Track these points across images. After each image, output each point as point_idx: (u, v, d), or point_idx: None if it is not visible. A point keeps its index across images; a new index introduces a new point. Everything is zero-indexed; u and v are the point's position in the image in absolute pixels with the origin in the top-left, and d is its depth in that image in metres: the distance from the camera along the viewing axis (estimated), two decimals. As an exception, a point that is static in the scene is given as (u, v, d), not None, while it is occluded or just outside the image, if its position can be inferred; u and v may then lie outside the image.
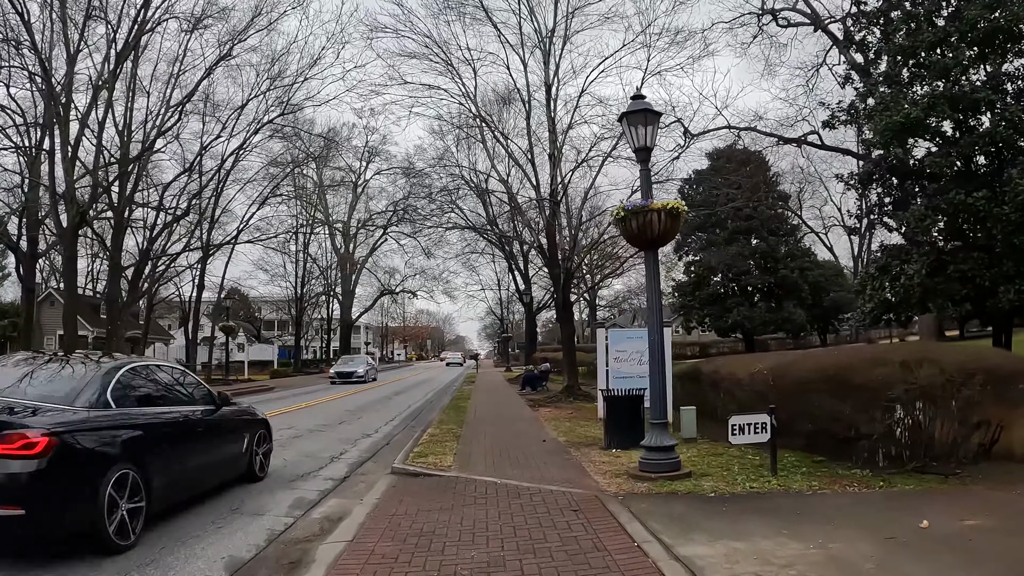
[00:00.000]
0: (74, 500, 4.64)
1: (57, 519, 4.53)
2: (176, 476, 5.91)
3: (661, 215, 7.00)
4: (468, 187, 25.80)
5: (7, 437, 4.36)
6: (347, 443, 11.11)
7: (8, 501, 4.25)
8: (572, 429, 11.58)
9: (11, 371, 5.70)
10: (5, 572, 4.55)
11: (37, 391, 5.22)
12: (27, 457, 4.35)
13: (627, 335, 13.60)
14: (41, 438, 4.43)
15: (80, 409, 5.03)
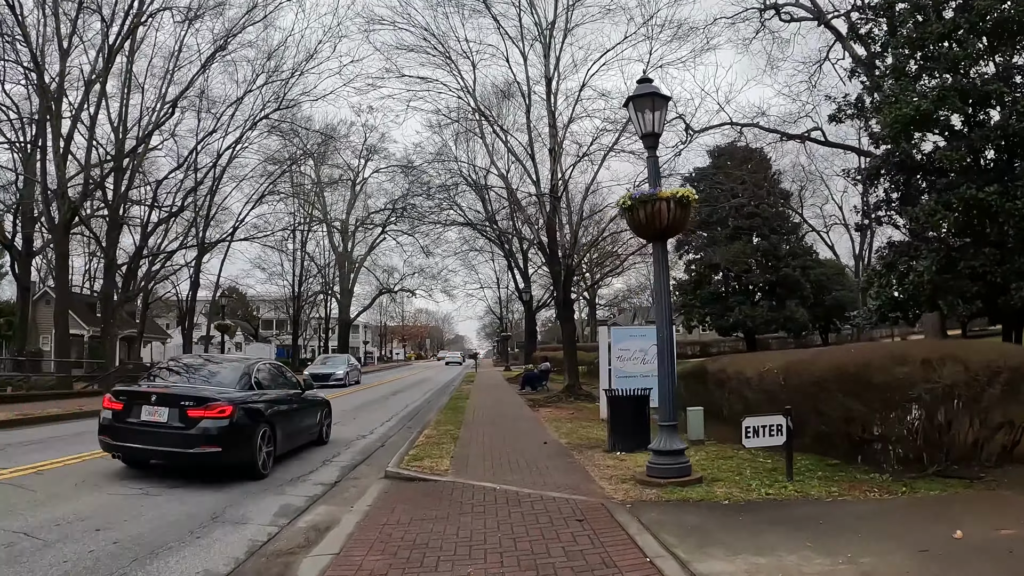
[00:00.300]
0: (243, 444, 7.66)
1: (235, 455, 7.56)
2: (288, 433, 8.92)
3: (670, 204, 6.60)
4: (467, 184, 25.46)
5: (212, 406, 7.38)
6: (340, 445, 10.70)
7: (213, 443, 7.26)
8: (574, 430, 11.17)
9: (194, 369, 8.87)
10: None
11: (218, 380, 8.29)
12: (221, 418, 7.37)
13: (630, 333, 13.21)
14: (227, 406, 7.47)
15: (241, 390, 8.17)
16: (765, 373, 10.05)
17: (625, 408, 9.07)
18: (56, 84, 24.08)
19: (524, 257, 32.12)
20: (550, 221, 17.78)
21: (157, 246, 34.41)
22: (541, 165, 19.66)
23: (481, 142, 20.70)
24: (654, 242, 6.94)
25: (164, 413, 7.38)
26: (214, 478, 7.41)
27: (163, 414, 7.38)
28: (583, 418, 13.30)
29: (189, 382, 8.27)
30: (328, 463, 9.07)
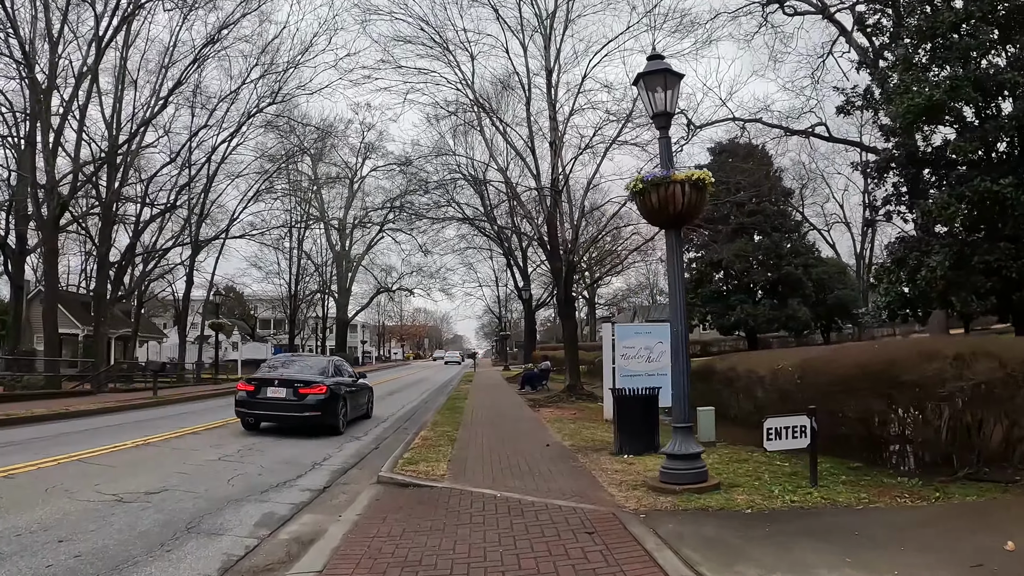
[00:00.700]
0: (333, 411, 11.49)
1: (327, 419, 11.34)
2: (353, 406, 12.86)
3: (685, 187, 6.11)
4: (465, 179, 24.96)
5: (315, 387, 11.27)
6: (332, 447, 10.20)
7: (315, 410, 11.11)
8: (577, 431, 10.67)
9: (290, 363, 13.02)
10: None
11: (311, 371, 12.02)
12: (321, 394, 11.23)
13: (635, 331, 12.72)
14: (324, 387, 11.36)
15: (328, 377, 11.84)
16: (779, 371, 9.58)
17: (633, 408, 8.57)
18: (47, 77, 23.55)
19: (523, 255, 31.65)
20: (551, 216, 17.28)
21: (152, 244, 33.95)
22: (542, 160, 19.19)
23: (480, 136, 20.21)
24: (667, 230, 6.44)
25: (283, 392, 11.52)
26: (206, 486, 6.91)
27: (283, 392, 11.52)
28: (586, 419, 12.80)
29: (293, 372, 12.08)
30: (317, 467, 8.56)
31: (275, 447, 10.23)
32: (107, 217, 28.07)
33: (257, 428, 11.97)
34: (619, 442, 8.55)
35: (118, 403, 18.33)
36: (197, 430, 12.31)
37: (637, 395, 8.60)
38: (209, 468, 8.38)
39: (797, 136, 29.13)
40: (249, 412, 11.72)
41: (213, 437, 11.35)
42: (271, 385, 11.54)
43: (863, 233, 63.74)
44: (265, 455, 9.44)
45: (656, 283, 72.66)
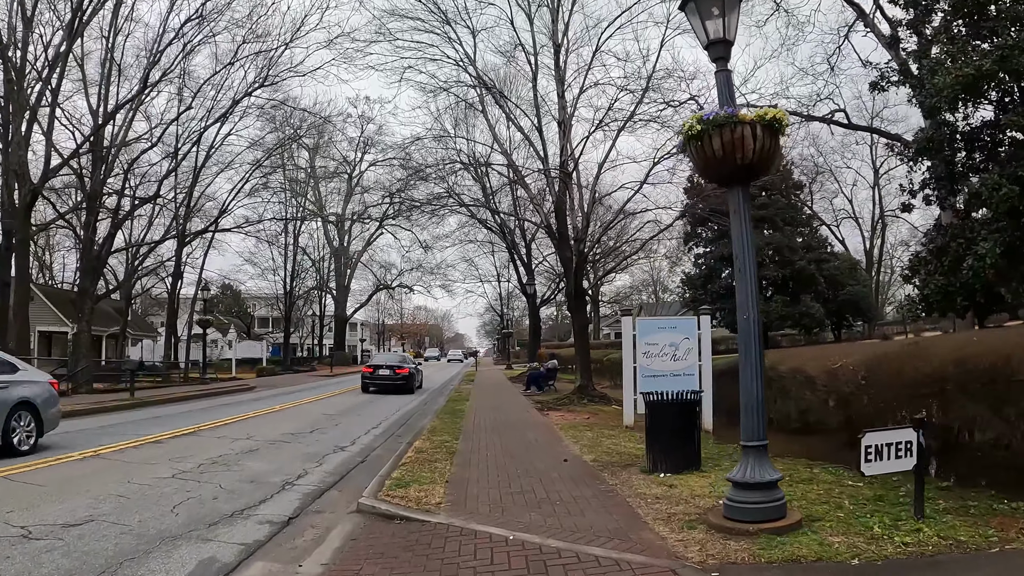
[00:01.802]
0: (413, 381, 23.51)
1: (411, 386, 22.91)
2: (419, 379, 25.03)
3: (756, 129, 4.63)
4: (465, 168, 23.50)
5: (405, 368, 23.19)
6: (311, 460, 8.72)
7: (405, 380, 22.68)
8: (597, 442, 9.18)
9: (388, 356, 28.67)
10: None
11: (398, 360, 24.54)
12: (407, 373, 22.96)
13: (658, 325, 11.23)
14: (408, 368, 23.37)
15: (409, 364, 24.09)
16: (838, 370, 8.09)
17: (669, 417, 7.09)
18: (20, 59, 22.10)
19: (527, 248, 30.17)
20: (560, 201, 15.81)
21: (141, 238, 32.51)
22: (549, 143, 17.73)
23: (480, 122, 18.74)
24: (731, 186, 4.94)
25: (387, 371, 22.35)
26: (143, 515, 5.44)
27: (387, 372, 22.34)
28: (603, 424, 11.33)
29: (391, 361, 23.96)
30: (288, 487, 7.09)
31: (246, 460, 8.77)
32: (92, 208, 26.68)
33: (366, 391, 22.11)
34: (652, 457, 7.08)
35: (91, 405, 16.88)
36: (161, 438, 10.84)
37: (674, 401, 7.12)
38: (156, 489, 6.91)
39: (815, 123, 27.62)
40: (370, 383, 22.18)
41: (177, 447, 9.88)
42: (381, 368, 22.95)
43: (873, 228, 62.33)
44: (230, 471, 7.97)
45: (660, 280, 71.26)
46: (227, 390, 24.15)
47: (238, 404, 17.93)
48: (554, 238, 16.53)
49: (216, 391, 23.35)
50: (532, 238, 32.10)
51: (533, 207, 17.64)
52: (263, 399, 19.86)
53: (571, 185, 15.63)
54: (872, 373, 7.60)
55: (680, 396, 7.15)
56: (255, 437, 10.92)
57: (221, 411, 15.71)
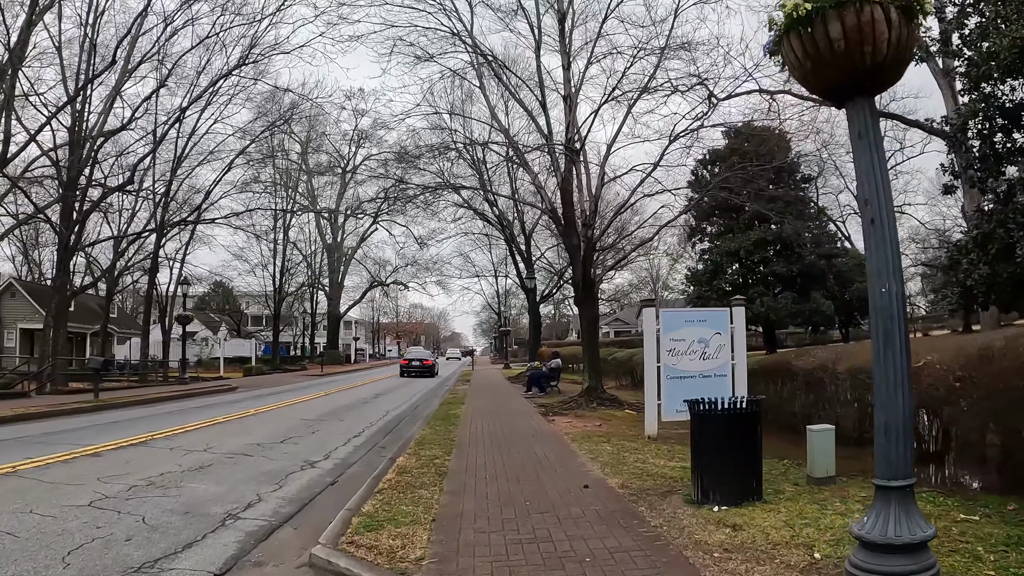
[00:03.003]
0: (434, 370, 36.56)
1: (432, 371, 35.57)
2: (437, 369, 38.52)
3: (891, 12, 3.03)
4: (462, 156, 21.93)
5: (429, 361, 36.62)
6: (270, 481, 7.11)
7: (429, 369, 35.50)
8: (619, 457, 7.57)
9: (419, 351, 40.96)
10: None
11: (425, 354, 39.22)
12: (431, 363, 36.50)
13: (684, 318, 9.64)
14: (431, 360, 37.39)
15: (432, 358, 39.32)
16: (921, 370, 6.51)
17: (721, 431, 5.50)
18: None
19: (527, 240, 28.54)
20: (566, 181, 14.19)
21: (124, 230, 30.82)
22: (555, 122, 16.13)
23: (479, 104, 17.10)
24: (854, 99, 3.32)
25: (419, 363, 34.91)
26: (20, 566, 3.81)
27: (418, 363, 34.98)
28: (620, 434, 9.72)
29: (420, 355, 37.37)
30: (231, 521, 5.48)
31: (191, 480, 7.15)
32: (67, 199, 25.09)
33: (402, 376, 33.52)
34: (701, 484, 5.49)
35: (47, 408, 15.24)
36: (103, 449, 9.21)
37: (729, 412, 5.53)
38: (60, 523, 5.33)
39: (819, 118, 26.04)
40: (406, 370, 33.76)
41: (115, 462, 8.25)
42: (414, 360, 35.07)
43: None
44: (165, 496, 6.35)
45: (660, 277, 69.59)
46: (206, 391, 22.49)
47: (212, 407, 16.29)
48: (559, 224, 14.90)
49: (194, 392, 21.70)
50: (532, 229, 30.50)
51: (536, 189, 16.01)
52: (242, 401, 18.22)
53: (578, 163, 14.01)
54: (971, 373, 6.05)
55: (737, 406, 5.56)
56: (214, 449, 9.30)
57: (189, 415, 14.09)
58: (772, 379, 10.18)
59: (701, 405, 5.61)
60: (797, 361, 9.55)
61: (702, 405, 5.62)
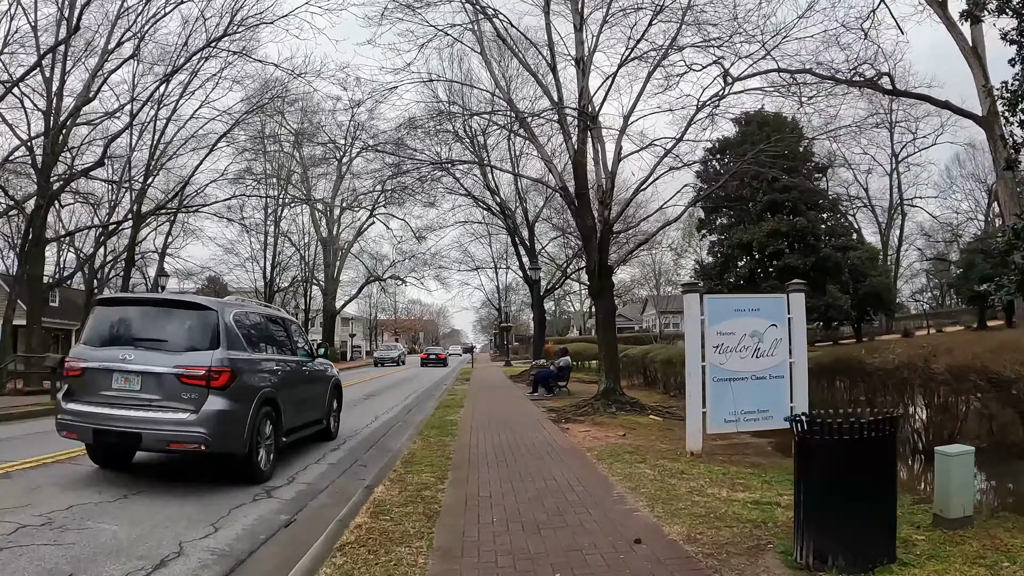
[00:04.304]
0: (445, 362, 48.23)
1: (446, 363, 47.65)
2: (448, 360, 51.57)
3: None
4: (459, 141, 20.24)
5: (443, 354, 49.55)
6: (207, 519, 5.35)
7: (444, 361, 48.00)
8: (666, 486, 5.79)
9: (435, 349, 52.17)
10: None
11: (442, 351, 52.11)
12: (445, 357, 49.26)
13: (734, 307, 7.87)
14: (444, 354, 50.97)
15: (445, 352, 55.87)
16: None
17: (838, 463, 3.73)
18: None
19: (530, 230, 26.76)
20: (579, 153, 12.41)
21: (105, 221, 29.06)
22: (566, 91, 14.35)
23: (480, 67, 15.24)
24: None
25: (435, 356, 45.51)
26: None
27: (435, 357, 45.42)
28: (652, 448, 7.96)
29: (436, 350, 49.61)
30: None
31: (104, 515, 5.41)
32: (42, 189, 23.41)
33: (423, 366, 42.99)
34: (810, 540, 3.73)
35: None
36: (14, 469, 7.42)
37: (851, 435, 3.75)
38: None
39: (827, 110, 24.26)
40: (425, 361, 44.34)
41: (25, 487, 6.46)
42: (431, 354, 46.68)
43: (889, 217, 59.27)
44: (57, 543, 4.63)
45: (665, 272, 67.89)
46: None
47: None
48: (571, 203, 13.11)
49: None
50: (536, 218, 28.73)
51: (545, 164, 14.22)
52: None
53: (594, 132, 12.23)
54: None
55: (865, 427, 3.78)
56: (155, 467, 7.53)
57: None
58: (833, 381, 8.44)
59: (809, 424, 3.84)
60: (870, 358, 7.80)
61: (810, 424, 3.84)
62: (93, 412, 6.32)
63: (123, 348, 6.47)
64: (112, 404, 6.32)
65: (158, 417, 6.20)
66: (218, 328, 6.56)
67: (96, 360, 6.51)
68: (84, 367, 6.57)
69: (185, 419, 6.11)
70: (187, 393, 6.22)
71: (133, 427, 6.17)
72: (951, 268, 58.40)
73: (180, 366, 6.25)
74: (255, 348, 7.17)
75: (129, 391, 6.34)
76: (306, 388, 8.45)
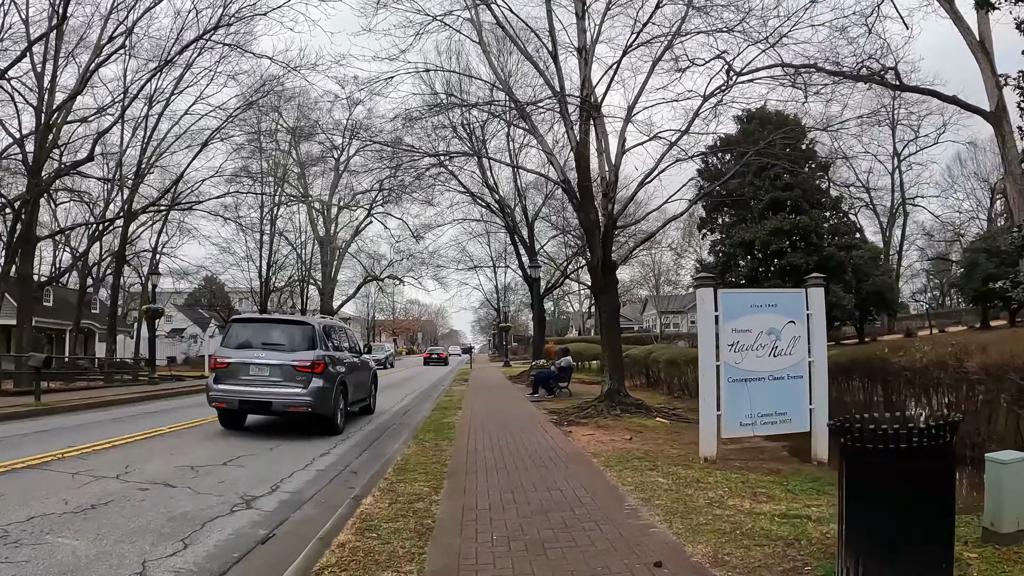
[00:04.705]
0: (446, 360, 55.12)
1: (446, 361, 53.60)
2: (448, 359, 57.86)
3: None
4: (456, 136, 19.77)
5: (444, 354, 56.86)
6: (176, 533, 4.85)
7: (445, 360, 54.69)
8: (682, 497, 5.30)
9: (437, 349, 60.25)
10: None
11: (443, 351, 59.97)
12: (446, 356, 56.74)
13: (751, 302, 7.38)
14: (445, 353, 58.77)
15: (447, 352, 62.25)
16: None
17: (889, 477, 3.23)
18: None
19: (530, 228, 26.28)
20: (582, 145, 11.92)
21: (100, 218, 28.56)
22: (568, 82, 13.85)
23: (478, 52, 14.79)
24: None
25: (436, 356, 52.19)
26: None
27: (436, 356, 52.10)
28: (662, 454, 7.47)
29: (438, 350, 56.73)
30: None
31: (66, 529, 4.92)
32: (32, 187, 22.90)
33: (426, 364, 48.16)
34: (852, 559, 3.23)
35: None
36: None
37: (904, 443, 3.25)
38: None
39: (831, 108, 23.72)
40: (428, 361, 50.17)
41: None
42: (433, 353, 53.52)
43: (891, 217, 58.91)
44: (8, 562, 4.11)
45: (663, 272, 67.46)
46: (173, 392, 20.18)
47: (167, 412, 14.02)
48: (574, 197, 12.60)
49: (158, 394, 19.41)
50: (535, 215, 28.23)
51: (546, 157, 13.72)
52: (204, 405, 15.89)
53: (598, 121, 11.73)
54: None
55: (919, 435, 3.28)
56: (130, 474, 7.03)
57: (132, 423, 11.80)
58: (849, 381, 7.95)
59: (854, 432, 3.34)
60: (895, 357, 7.31)
61: (854, 432, 3.34)
62: (238, 389, 9.75)
63: (254, 349, 9.99)
64: (250, 384, 9.74)
65: (281, 391, 9.65)
66: (315, 336, 10.17)
67: (237, 357, 9.93)
68: (229, 361, 9.97)
69: (299, 392, 9.58)
70: (299, 377, 9.63)
71: (266, 398, 9.65)
72: (952, 267, 58.05)
73: (295, 360, 9.72)
74: (334, 348, 10.83)
75: (261, 376, 9.77)
76: (360, 374, 12.14)
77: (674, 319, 62.97)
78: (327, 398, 9.74)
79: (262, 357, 9.77)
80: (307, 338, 10.03)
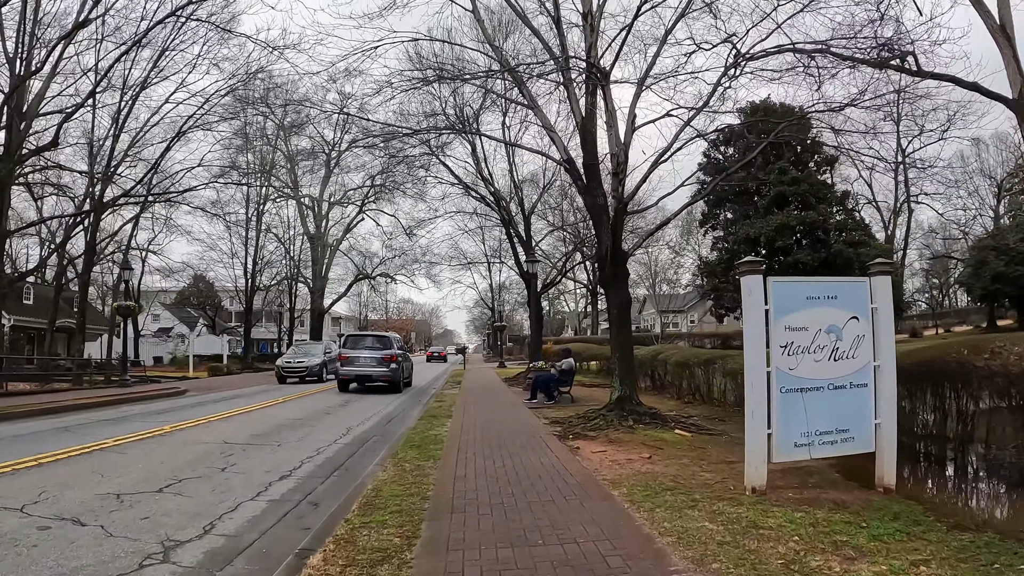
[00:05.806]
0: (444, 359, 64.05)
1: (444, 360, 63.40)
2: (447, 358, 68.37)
3: None
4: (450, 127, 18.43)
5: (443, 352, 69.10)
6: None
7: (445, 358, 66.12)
8: (739, 549, 3.91)
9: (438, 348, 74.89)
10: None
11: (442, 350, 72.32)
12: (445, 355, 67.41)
13: (807, 293, 5.99)
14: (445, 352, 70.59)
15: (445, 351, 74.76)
16: None
17: None
18: None
19: (527, 221, 24.89)
20: (589, 118, 10.52)
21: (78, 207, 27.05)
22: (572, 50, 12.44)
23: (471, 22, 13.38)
24: None
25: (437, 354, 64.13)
26: None
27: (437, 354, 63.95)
28: (694, 480, 6.09)
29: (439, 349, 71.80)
30: None
31: None
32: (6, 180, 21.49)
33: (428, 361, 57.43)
34: None
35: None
36: None
37: None
38: None
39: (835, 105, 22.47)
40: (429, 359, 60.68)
41: None
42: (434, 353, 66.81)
43: (895, 214, 57.78)
44: None
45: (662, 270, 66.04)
46: (144, 396, 18.70)
47: (126, 420, 12.59)
48: (579, 178, 11.20)
49: (127, 397, 17.93)
50: (532, 209, 26.85)
51: (548, 134, 12.31)
52: (174, 411, 14.48)
53: (607, 90, 10.35)
54: None
55: None
56: (38, 504, 5.63)
57: (79, 434, 10.35)
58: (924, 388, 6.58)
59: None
60: (981, 358, 5.94)
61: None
62: (355, 370, 19.09)
63: (361, 349, 19.58)
64: (361, 367, 19.09)
65: (377, 371, 19.02)
66: (391, 342, 20.23)
67: (353, 353, 19.44)
68: (349, 355, 19.35)
69: (386, 371, 19.04)
70: (386, 364, 19.03)
71: (369, 374, 19.05)
72: (957, 266, 56.91)
73: (382, 355, 19.29)
74: (399, 348, 20.66)
75: (366, 365, 19.10)
76: (407, 364, 21.89)
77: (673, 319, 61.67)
78: (398, 375, 19.19)
79: (365, 353, 19.24)
80: (387, 343, 19.69)
